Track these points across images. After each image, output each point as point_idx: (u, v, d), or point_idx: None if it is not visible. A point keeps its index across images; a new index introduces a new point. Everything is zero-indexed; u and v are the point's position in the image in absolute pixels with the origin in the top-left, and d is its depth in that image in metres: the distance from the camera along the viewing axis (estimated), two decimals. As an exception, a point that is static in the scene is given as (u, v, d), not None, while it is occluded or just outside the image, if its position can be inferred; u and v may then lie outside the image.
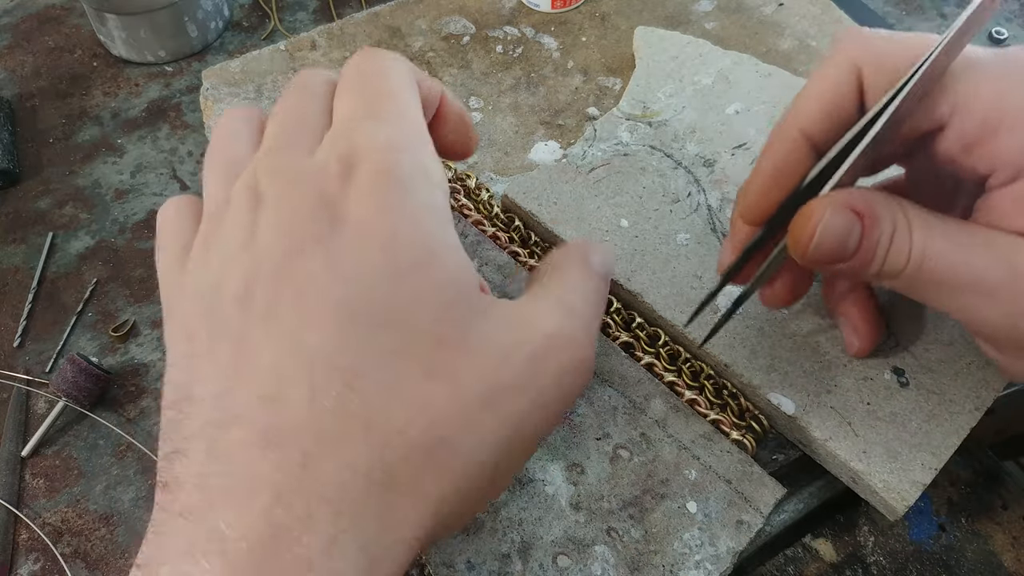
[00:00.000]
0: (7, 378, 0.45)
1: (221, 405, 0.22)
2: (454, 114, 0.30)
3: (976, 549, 0.38)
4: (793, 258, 0.30)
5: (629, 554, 0.32)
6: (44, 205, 0.53)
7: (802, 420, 0.34)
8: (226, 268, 0.24)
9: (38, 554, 0.39)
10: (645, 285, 0.38)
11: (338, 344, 0.22)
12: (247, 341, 0.23)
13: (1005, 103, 0.27)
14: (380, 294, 0.23)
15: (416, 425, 0.22)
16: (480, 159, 0.45)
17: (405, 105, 0.26)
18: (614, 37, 0.52)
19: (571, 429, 0.35)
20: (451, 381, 0.23)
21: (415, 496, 0.22)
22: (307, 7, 0.66)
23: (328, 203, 0.24)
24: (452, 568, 0.32)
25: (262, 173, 0.25)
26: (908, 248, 0.28)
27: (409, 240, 0.23)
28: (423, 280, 0.23)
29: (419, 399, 0.22)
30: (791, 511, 0.37)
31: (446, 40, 0.51)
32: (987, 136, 0.28)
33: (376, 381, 0.22)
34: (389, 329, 0.23)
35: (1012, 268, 0.27)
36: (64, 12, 0.65)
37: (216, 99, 0.47)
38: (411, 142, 0.25)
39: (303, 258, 0.23)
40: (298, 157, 0.25)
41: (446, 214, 0.25)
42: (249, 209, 0.25)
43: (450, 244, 0.24)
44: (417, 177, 0.24)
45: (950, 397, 0.35)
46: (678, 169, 0.43)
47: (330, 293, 0.23)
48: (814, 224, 0.28)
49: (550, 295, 0.27)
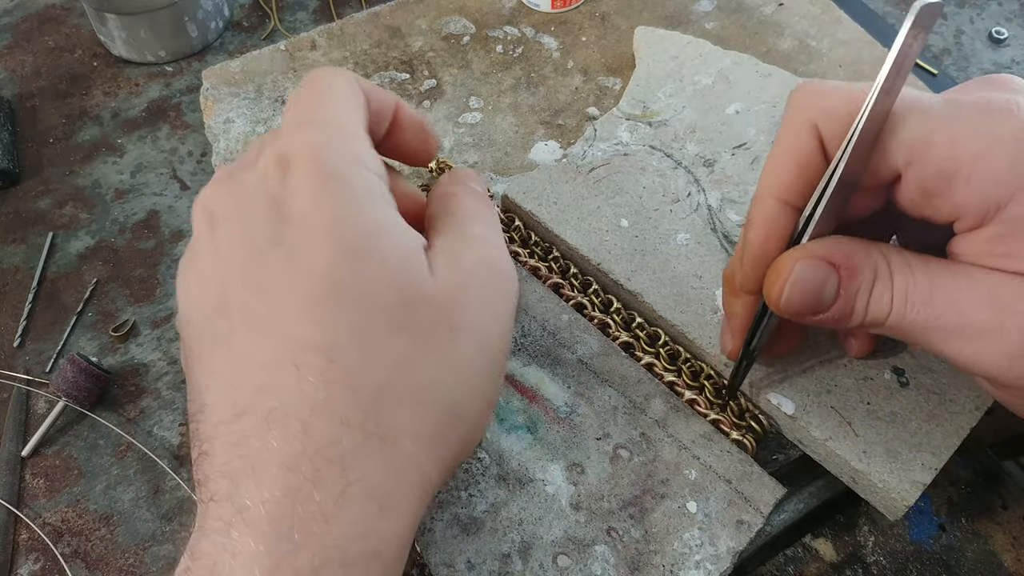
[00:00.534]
0: (7, 378, 0.45)
1: (227, 405, 0.25)
2: (409, 121, 0.33)
3: (976, 549, 0.38)
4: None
5: (629, 554, 0.32)
6: (44, 205, 0.53)
7: (802, 420, 0.34)
8: (202, 287, 0.27)
9: (38, 554, 0.39)
10: (645, 285, 0.38)
11: (311, 327, 0.25)
12: (235, 345, 0.25)
13: (958, 152, 0.27)
14: (337, 276, 0.25)
15: (397, 376, 0.25)
16: (480, 159, 0.45)
17: (336, 109, 0.29)
18: (614, 37, 0.52)
19: (571, 429, 0.35)
20: (415, 330, 0.26)
21: (413, 437, 0.25)
22: (307, 7, 0.66)
23: (275, 203, 0.26)
24: (452, 568, 0.32)
25: (212, 195, 0.28)
26: (890, 297, 0.29)
27: (351, 223, 0.26)
28: (373, 256, 0.26)
29: (394, 355, 0.25)
30: (791, 511, 0.37)
31: (446, 40, 0.51)
32: (944, 186, 0.28)
33: (352, 350, 0.25)
34: (353, 304, 0.25)
35: (998, 307, 0.27)
36: (64, 12, 0.65)
37: (216, 99, 0.47)
38: (339, 137, 0.28)
39: (264, 260, 0.26)
40: (243, 173, 0.28)
41: (384, 196, 0.27)
42: (208, 228, 0.28)
43: (391, 220, 0.27)
44: (348, 166, 0.27)
45: (950, 397, 0.35)
46: (678, 169, 0.43)
47: (294, 285, 0.25)
48: (783, 279, 0.29)
49: (462, 232, 0.30)
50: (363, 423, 0.24)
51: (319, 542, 0.23)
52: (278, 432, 0.23)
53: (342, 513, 0.23)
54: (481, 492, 0.33)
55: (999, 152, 0.27)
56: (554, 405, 0.36)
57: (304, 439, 0.23)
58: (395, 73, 0.50)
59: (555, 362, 0.37)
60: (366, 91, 0.31)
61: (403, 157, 0.34)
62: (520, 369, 0.37)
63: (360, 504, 0.24)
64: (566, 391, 0.36)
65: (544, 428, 0.35)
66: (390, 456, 0.25)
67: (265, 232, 0.26)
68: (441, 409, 0.26)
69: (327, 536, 0.23)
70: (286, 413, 0.24)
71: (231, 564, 0.22)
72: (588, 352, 0.37)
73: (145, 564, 0.39)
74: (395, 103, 0.32)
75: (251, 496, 0.23)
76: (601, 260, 0.39)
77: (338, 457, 0.24)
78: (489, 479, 0.34)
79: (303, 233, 0.26)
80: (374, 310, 0.25)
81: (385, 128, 0.32)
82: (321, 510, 0.23)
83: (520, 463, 0.34)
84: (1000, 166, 0.27)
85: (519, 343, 0.37)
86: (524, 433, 0.35)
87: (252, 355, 0.25)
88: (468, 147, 0.46)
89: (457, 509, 0.33)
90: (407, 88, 0.49)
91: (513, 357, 0.37)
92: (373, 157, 0.28)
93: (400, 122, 0.32)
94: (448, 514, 0.33)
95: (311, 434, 0.23)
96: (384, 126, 0.32)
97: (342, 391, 0.24)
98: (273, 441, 0.23)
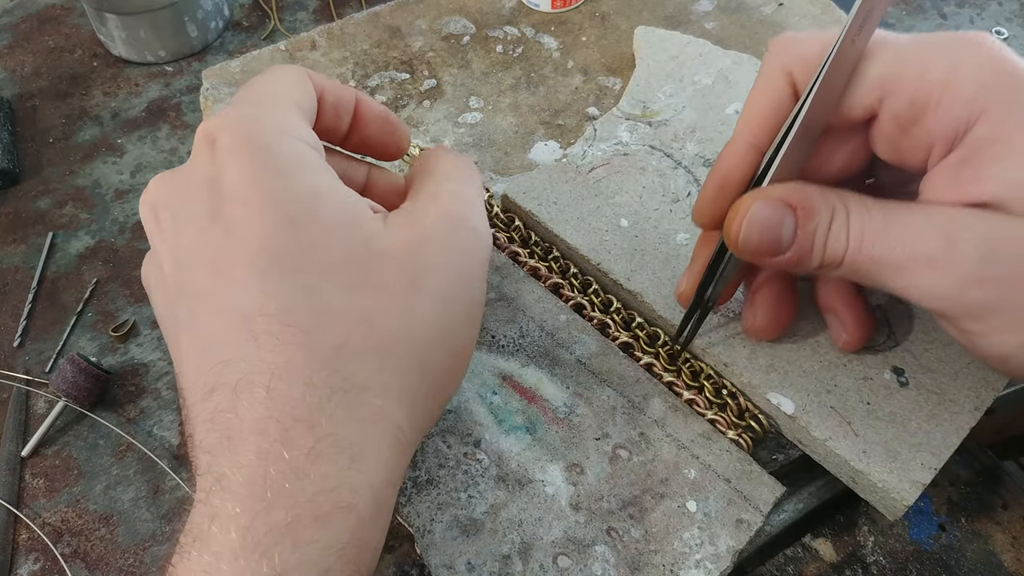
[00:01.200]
0: (7, 378, 0.45)
1: (199, 385, 0.25)
2: (372, 113, 0.33)
3: (976, 549, 0.38)
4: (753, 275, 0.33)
5: (629, 554, 0.32)
6: (44, 205, 0.53)
7: (802, 420, 0.34)
8: (160, 276, 0.28)
9: (38, 554, 0.39)
10: (645, 285, 0.38)
11: (262, 297, 0.25)
12: (195, 326, 0.26)
13: (927, 81, 0.28)
14: (280, 243, 0.26)
15: (357, 332, 0.26)
16: (480, 159, 0.45)
17: (267, 91, 0.29)
18: (614, 37, 0.52)
19: (570, 429, 0.35)
20: (374, 286, 0.26)
21: (379, 390, 0.26)
22: (307, 7, 0.66)
23: (208, 183, 0.27)
24: (452, 569, 0.32)
25: (153, 188, 0.29)
26: (846, 235, 0.29)
27: (284, 193, 0.26)
28: (315, 221, 0.26)
29: (352, 312, 0.26)
30: (791, 511, 0.37)
31: (446, 40, 0.51)
32: (918, 115, 0.29)
33: (306, 313, 0.25)
34: (301, 269, 0.26)
35: (947, 237, 0.28)
36: (64, 12, 0.65)
37: (216, 99, 0.47)
38: (264, 112, 0.28)
39: (206, 237, 0.26)
40: (180, 166, 0.29)
41: (318, 163, 0.28)
42: (153, 219, 0.29)
43: (329, 184, 0.28)
44: (275, 137, 0.27)
45: (950, 397, 0.35)
46: (678, 169, 0.43)
47: (238, 256, 0.26)
48: (740, 216, 0.30)
49: (430, 188, 0.30)
50: (327, 380, 0.25)
51: (291, 498, 0.23)
52: (246, 401, 0.24)
53: (313, 468, 0.24)
54: (480, 493, 0.33)
55: (966, 75, 0.28)
56: (553, 405, 0.36)
57: (269, 404, 0.24)
58: (395, 73, 0.50)
59: (554, 362, 0.37)
60: (321, 84, 0.31)
61: (372, 151, 0.35)
62: (519, 369, 0.37)
63: (330, 459, 0.24)
64: (565, 391, 0.36)
65: (543, 428, 0.35)
66: (357, 410, 0.25)
67: (203, 211, 0.27)
68: (407, 362, 0.27)
69: (299, 492, 0.23)
70: (251, 382, 0.24)
71: (211, 528, 0.23)
72: (587, 352, 0.37)
73: (145, 564, 0.39)
74: (355, 96, 0.33)
75: (227, 464, 0.23)
76: (601, 260, 0.39)
77: (305, 416, 0.24)
78: (488, 480, 0.34)
79: (238, 206, 0.26)
80: (322, 272, 0.26)
81: (347, 122, 0.33)
82: (292, 468, 0.23)
83: (519, 464, 0.34)
84: (968, 89, 0.28)
85: (517, 343, 0.37)
86: (523, 434, 0.35)
87: (212, 332, 0.25)
88: (468, 147, 0.46)
89: (457, 510, 0.33)
90: (407, 88, 0.49)
91: (512, 357, 0.37)
92: (302, 128, 0.29)
93: (362, 115, 0.33)
94: (448, 515, 0.33)
95: (276, 398, 0.24)
96: (345, 119, 0.33)
97: (301, 352, 0.25)
98: (242, 410, 0.24)
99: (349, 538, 0.24)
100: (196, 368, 0.26)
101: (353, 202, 0.28)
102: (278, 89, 0.30)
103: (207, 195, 0.27)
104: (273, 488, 0.23)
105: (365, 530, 0.25)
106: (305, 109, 0.30)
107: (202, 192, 0.27)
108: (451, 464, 0.34)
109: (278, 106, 0.29)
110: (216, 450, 0.24)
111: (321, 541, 0.23)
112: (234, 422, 0.24)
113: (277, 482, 0.23)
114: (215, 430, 0.24)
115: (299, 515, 0.23)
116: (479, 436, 0.35)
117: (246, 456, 0.23)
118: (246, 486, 0.23)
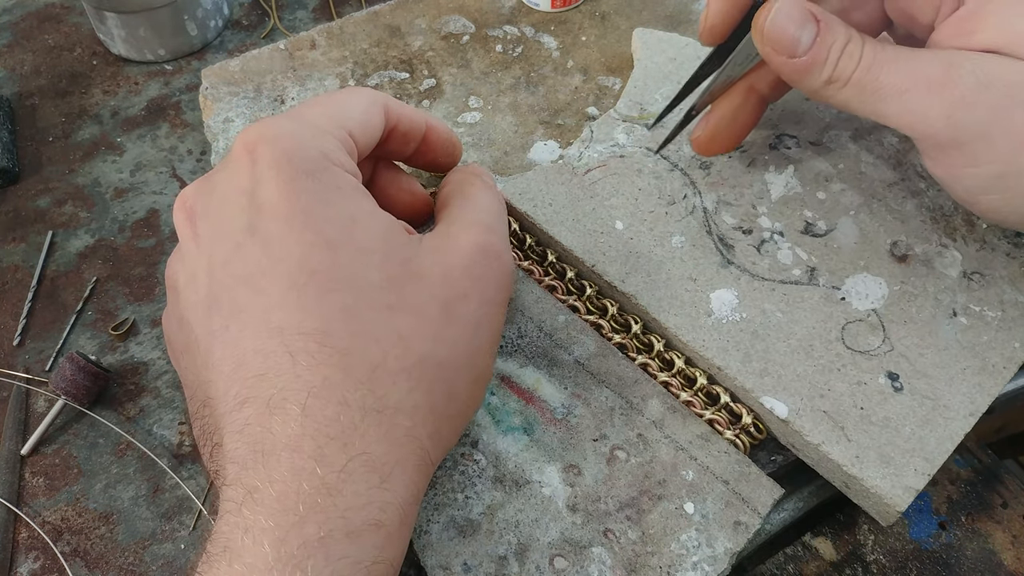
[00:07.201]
0: (7, 377, 0.45)
1: (230, 396, 0.26)
2: (440, 140, 0.35)
3: (976, 547, 0.38)
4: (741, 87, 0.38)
5: (626, 555, 0.32)
6: (44, 204, 0.53)
7: (795, 424, 0.34)
8: (193, 283, 0.28)
9: (38, 553, 0.39)
10: (639, 287, 0.38)
11: (299, 314, 0.26)
12: (230, 337, 0.26)
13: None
14: (317, 264, 0.26)
15: (392, 354, 0.26)
16: (480, 159, 0.45)
17: (322, 113, 0.30)
18: (614, 37, 0.52)
19: (568, 430, 0.35)
20: (410, 309, 0.27)
21: (410, 411, 0.26)
22: (307, 6, 0.66)
23: (246, 194, 0.27)
24: (449, 570, 0.32)
25: (190, 193, 0.29)
26: (859, 56, 0.31)
27: (325, 216, 0.27)
28: (352, 244, 0.27)
29: (388, 333, 0.26)
30: (791, 510, 0.37)
31: (446, 39, 0.51)
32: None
33: (344, 335, 0.26)
34: (340, 289, 0.26)
35: (948, 64, 0.30)
36: (64, 10, 0.65)
37: (215, 98, 0.47)
38: (311, 133, 0.29)
39: (243, 251, 0.27)
40: (217, 171, 0.29)
41: (355, 188, 0.29)
42: (189, 225, 0.29)
43: (367, 209, 0.29)
44: (314, 158, 0.28)
45: (944, 403, 0.35)
46: (674, 171, 0.43)
47: (276, 273, 0.26)
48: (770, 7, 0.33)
49: (466, 218, 0.32)
50: (361, 401, 0.25)
51: (324, 514, 0.24)
52: (280, 417, 0.24)
53: (345, 486, 0.24)
54: (477, 494, 0.34)
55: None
56: (551, 406, 0.36)
57: (304, 421, 0.24)
58: (394, 72, 0.50)
59: (552, 363, 0.37)
60: (397, 116, 0.33)
61: (430, 167, 0.37)
62: (517, 370, 0.37)
63: (362, 477, 0.25)
64: (563, 392, 0.36)
65: (541, 429, 0.35)
66: (388, 430, 0.26)
67: (240, 224, 0.27)
68: (437, 386, 0.27)
69: (332, 508, 0.24)
70: (285, 398, 0.25)
71: (243, 540, 0.23)
72: (585, 353, 0.37)
73: (145, 563, 0.39)
74: (424, 124, 0.34)
75: (260, 477, 0.24)
76: (596, 262, 0.39)
77: (339, 434, 0.25)
78: (485, 481, 0.34)
79: (276, 222, 0.27)
80: (359, 293, 0.26)
81: (414, 148, 0.35)
82: (325, 484, 0.24)
83: (516, 464, 0.34)
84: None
85: (515, 344, 0.38)
86: (520, 434, 0.35)
87: (248, 346, 0.26)
88: (468, 147, 0.46)
89: (453, 511, 0.33)
90: (406, 87, 0.49)
91: (510, 358, 0.37)
92: (341, 154, 0.29)
93: (431, 141, 0.35)
94: (444, 516, 0.33)
95: (311, 416, 0.24)
96: (412, 146, 0.35)
97: (337, 373, 0.25)
98: (276, 426, 0.24)
99: (377, 555, 0.24)
100: (228, 379, 0.26)
101: (389, 226, 0.29)
102: (336, 112, 0.30)
103: (245, 207, 0.27)
104: (306, 503, 0.23)
105: (391, 547, 0.25)
106: (360, 135, 0.31)
107: (240, 204, 0.27)
108: (448, 464, 0.34)
109: (325, 129, 0.29)
110: (247, 462, 0.24)
111: (351, 556, 0.24)
112: (267, 436, 0.24)
113: (310, 497, 0.24)
114: (245, 443, 0.25)
115: (331, 530, 0.23)
116: (476, 436, 0.35)
117: (279, 471, 0.24)
118: (279, 500, 0.23)
